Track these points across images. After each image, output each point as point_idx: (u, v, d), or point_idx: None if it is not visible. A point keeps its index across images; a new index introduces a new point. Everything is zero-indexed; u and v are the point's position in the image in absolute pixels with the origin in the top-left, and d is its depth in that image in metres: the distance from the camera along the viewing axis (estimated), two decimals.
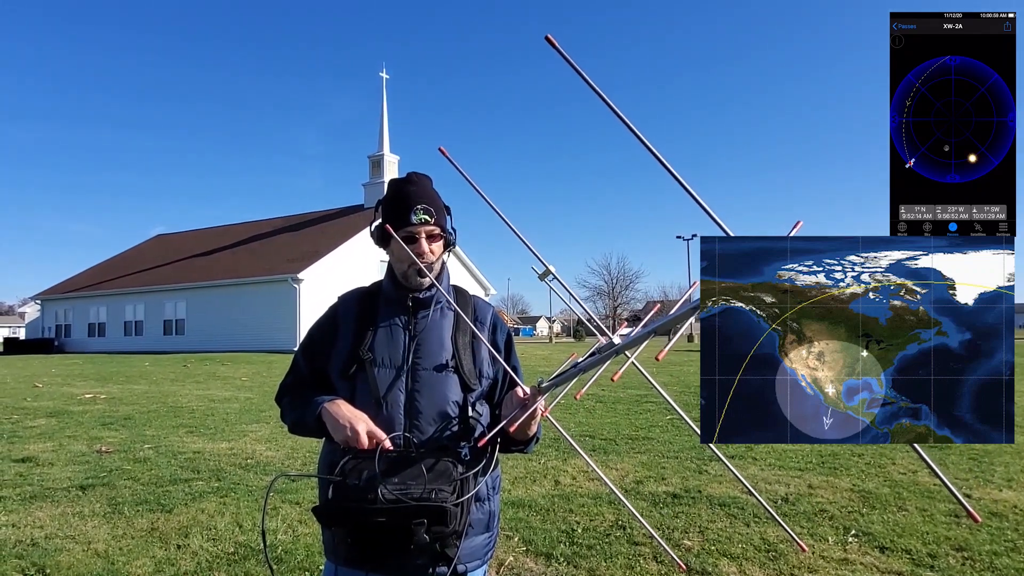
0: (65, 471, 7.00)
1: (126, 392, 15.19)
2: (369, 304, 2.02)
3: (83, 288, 43.32)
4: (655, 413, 10.52)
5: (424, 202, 1.94)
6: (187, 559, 4.44)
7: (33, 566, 4.32)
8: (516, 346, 2.13)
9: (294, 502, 5.66)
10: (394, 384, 1.90)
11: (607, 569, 4.24)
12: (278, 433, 9.24)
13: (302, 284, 33.23)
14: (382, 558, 1.81)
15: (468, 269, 41.79)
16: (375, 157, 41.71)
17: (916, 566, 4.27)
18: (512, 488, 6.13)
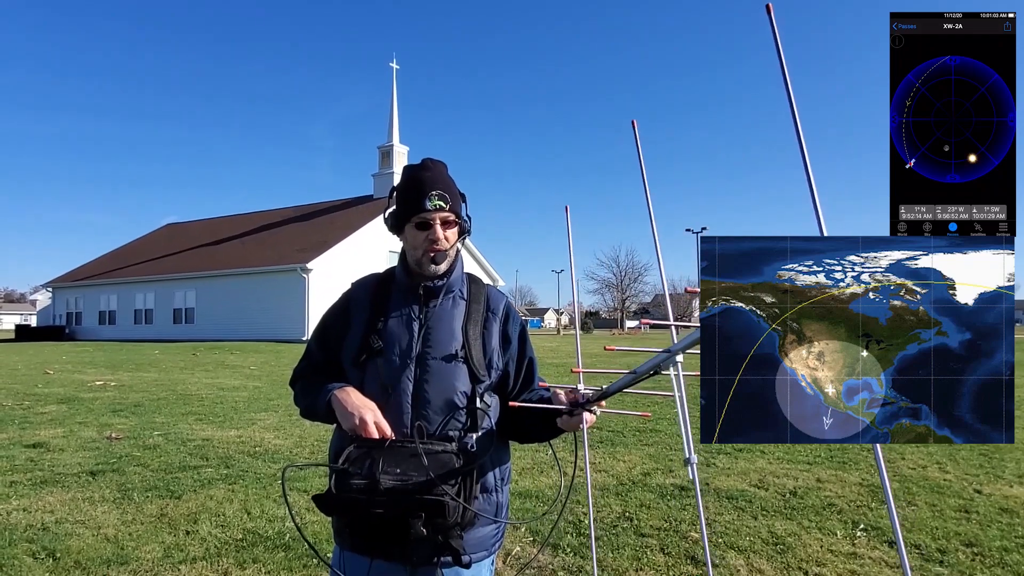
0: (75, 457, 7.07)
1: (136, 380, 15.31)
2: (381, 292, 2.01)
3: (94, 276, 43.64)
4: (663, 406, 10.50)
5: (439, 188, 1.91)
6: (196, 545, 4.49)
7: (43, 550, 4.37)
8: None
9: (302, 490, 5.70)
10: (402, 373, 1.89)
11: (614, 560, 4.25)
12: (286, 422, 9.30)
13: (311, 274, 33.35)
14: (385, 547, 1.83)
15: (477, 260, 41.82)
16: (385, 148, 41.76)
17: (925, 561, 4.26)
18: (519, 479, 6.15)
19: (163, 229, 52.20)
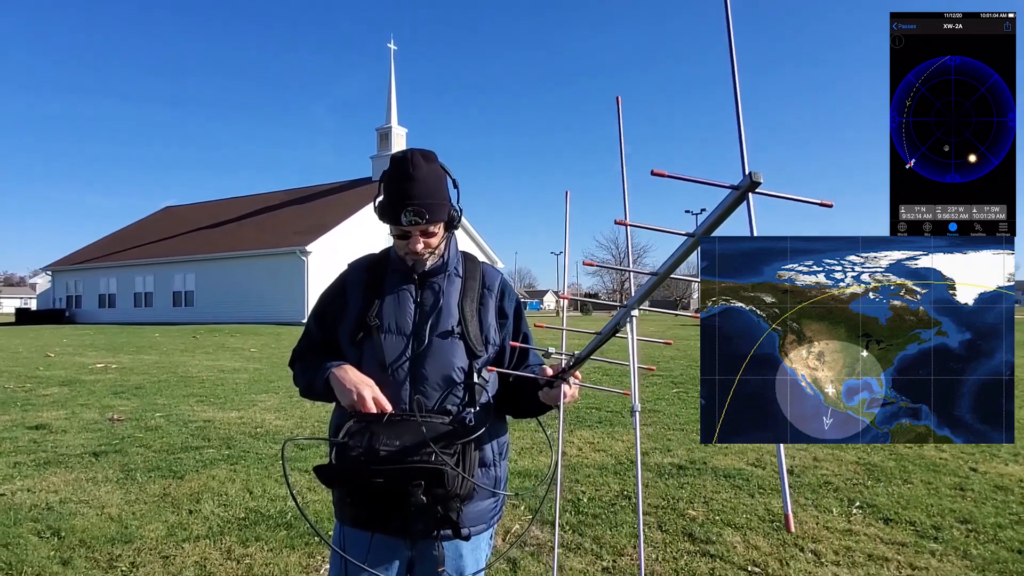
0: (78, 438, 7.11)
1: (137, 362, 15.35)
2: (378, 271, 2.03)
3: (93, 260, 43.56)
4: (661, 386, 10.56)
5: (417, 200, 1.84)
6: (199, 523, 4.53)
7: (48, 529, 4.42)
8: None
9: (303, 469, 5.74)
10: (400, 350, 1.92)
11: (612, 538, 4.30)
12: (287, 403, 9.34)
13: (310, 256, 33.31)
14: (385, 519, 1.86)
15: (476, 242, 41.73)
16: (383, 130, 41.48)
17: (920, 537, 4.31)
18: (518, 459, 6.20)
19: (161, 212, 52.00)
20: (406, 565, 1.98)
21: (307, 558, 4.00)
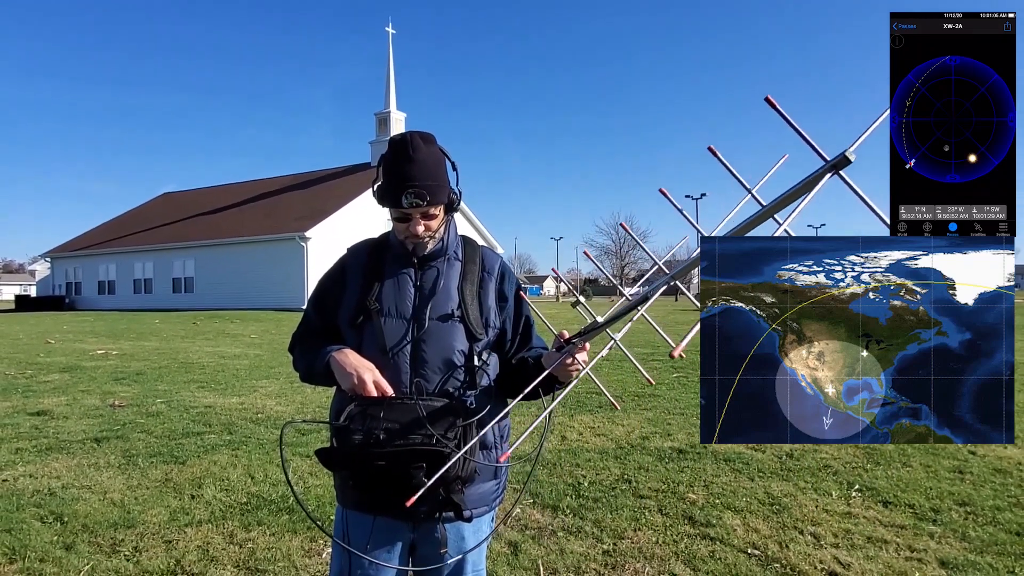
0: (80, 424, 7.15)
1: (137, 348, 15.38)
2: (377, 255, 2.03)
3: (92, 246, 43.51)
4: (662, 371, 10.59)
5: (417, 183, 1.84)
6: (201, 508, 4.56)
7: (51, 514, 4.45)
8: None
9: (304, 455, 5.77)
10: (400, 334, 1.92)
11: (612, 521, 4.33)
12: (288, 389, 9.37)
13: (310, 242, 33.29)
14: (387, 502, 1.85)
15: (475, 227, 41.67)
16: (382, 115, 41.28)
17: (919, 520, 4.34)
18: (521, 444, 6.23)
19: (161, 198, 51.82)
20: (408, 547, 2.00)
21: (309, 542, 4.04)
